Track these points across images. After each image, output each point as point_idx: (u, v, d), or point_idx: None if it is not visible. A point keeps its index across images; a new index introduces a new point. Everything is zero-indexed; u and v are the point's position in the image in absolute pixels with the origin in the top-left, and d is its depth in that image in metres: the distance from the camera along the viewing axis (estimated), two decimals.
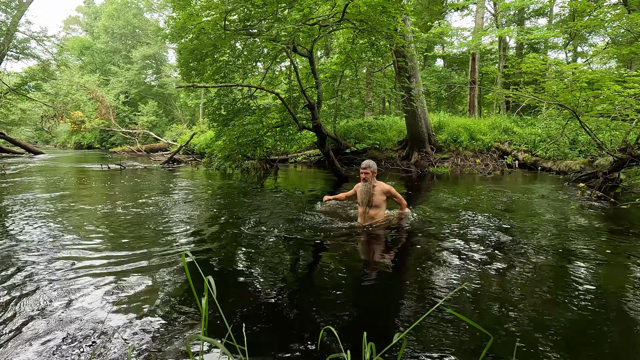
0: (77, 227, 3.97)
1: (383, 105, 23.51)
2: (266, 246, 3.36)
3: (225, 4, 6.19)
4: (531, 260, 2.98)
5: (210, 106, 8.38)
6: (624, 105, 6.05)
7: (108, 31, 39.37)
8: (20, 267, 2.80)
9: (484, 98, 21.87)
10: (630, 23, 9.90)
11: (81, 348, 1.74)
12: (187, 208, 5.19)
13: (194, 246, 3.39)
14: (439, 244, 3.42)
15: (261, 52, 7.68)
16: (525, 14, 20.65)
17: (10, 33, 19.47)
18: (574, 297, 2.29)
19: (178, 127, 28.30)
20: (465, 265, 2.84)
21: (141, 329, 1.91)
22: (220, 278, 2.59)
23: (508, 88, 12.73)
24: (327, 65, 11.11)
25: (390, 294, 2.38)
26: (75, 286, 2.44)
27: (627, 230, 3.97)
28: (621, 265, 2.94)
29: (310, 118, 7.53)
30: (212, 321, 1.97)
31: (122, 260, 2.95)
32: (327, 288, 2.44)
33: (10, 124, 28.05)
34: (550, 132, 10.67)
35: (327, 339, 1.82)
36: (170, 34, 7.49)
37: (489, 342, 1.05)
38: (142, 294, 2.33)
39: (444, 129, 12.58)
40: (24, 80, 22.90)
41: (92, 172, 11.10)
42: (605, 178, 6.74)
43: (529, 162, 10.79)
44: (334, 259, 3.09)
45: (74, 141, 38.76)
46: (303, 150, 14.24)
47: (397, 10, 6.58)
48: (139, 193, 6.65)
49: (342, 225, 4.05)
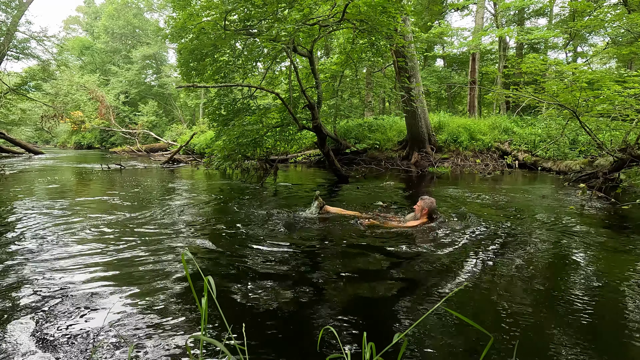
0: (76, 227, 3.97)
1: (383, 105, 23.50)
2: (266, 246, 3.35)
3: (225, 4, 6.19)
4: (531, 260, 2.98)
5: (210, 106, 8.37)
6: (624, 105, 6.05)
7: (108, 31, 39.34)
8: (19, 267, 2.80)
9: (484, 98, 21.86)
10: (630, 23, 9.91)
11: (81, 348, 1.74)
12: (187, 208, 5.19)
13: (194, 246, 3.39)
14: (439, 244, 3.41)
15: (261, 52, 7.68)
16: (525, 14, 20.65)
17: (10, 33, 19.47)
18: (574, 297, 2.29)
19: (178, 127, 28.28)
20: (465, 265, 2.84)
21: (141, 328, 1.91)
22: (220, 278, 2.59)
23: (508, 88, 12.73)
24: (327, 65, 11.10)
25: (390, 294, 2.38)
26: (75, 286, 2.44)
27: (627, 230, 3.97)
28: (621, 265, 2.93)
29: (310, 118, 7.52)
30: (212, 321, 1.97)
31: (122, 260, 2.95)
32: (327, 288, 2.44)
33: (10, 124, 28.03)
34: (550, 132, 10.66)
35: (327, 339, 1.82)
36: (170, 34, 7.48)
37: (489, 342, 1.05)
38: (142, 293, 2.33)
39: (444, 129, 12.58)
40: (24, 80, 22.89)
41: (92, 172, 11.10)
42: (606, 178, 6.74)
43: (529, 162, 10.79)
44: (334, 259, 3.09)
45: (74, 141, 38.74)
46: (303, 150, 14.24)
47: (397, 10, 6.57)
48: (139, 193, 6.65)
49: (342, 225, 4.04)
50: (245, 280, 2.58)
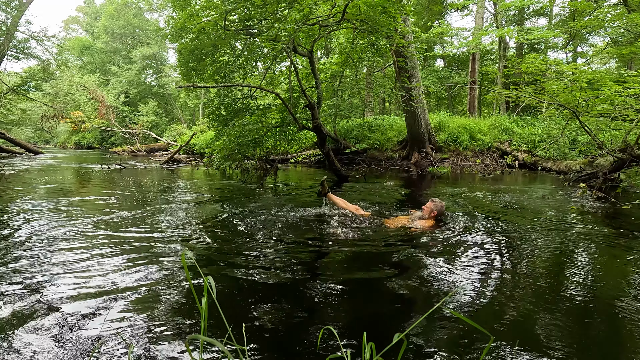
0: (75, 227, 3.97)
1: (383, 105, 23.50)
2: (266, 246, 3.35)
3: (225, 4, 6.19)
4: (531, 260, 2.98)
5: (210, 106, 8.37)
6: (624, 105, 6.05)
7: (108, 31, 39.35)
8: (19, 266, 2.80)
9: (484, 98, 21.86)
10: (630, 23, 9.90)
11: (81, 348, 1.74)
12: (187, 208, 5.19)
13: (194, 246, 3.39)
14: (439, 244, 3.41)
15: (261, 52, 7.68)
16: (525, 14, 20.65)
17: (10, 33, 19.47)
18: (574, 297, 2.29)
19: (178, 127, 28.28)
20: (465, 265, 2.84)
21: (141, 329, 1.91)
22: (220, 278, 2.59)
23: (508, 88, 12.74)
24: (327, 65, 11.09)
25: (390, 294, 2.38)
26: (74, 285, 2.44)
27: (627, 230, 3.97)
28: (621, 265, 2.93)
29: (310, 118, 7.52)
30: (212, 321, 1.97)
31: (121, 259, 2.95)
32: (327, 288, 2.44)
33: (10, 124, 28.03)
34: (550, 132, 10.66)
35: (327, 339, 1.82)
36: (170, 34, 7.49)
37: (489, 342, 1.05)
38: (142, 293, 2.33)
39: (444, 129, 12.58)
40: (24, 80, 22.90)
41: (92, 172, 11.10)
42: (606, 178, 6.74)
43: (529, 162, 10.79)
44: (334, 259, 3.09)
45: (74, 141, 38.75)
46: (303, 150, 14.24)
47: (397, 10, 6.57)
48: (139, 193, 6.65)
49: (342, 225, 4.04)
50: (246, 280, 2.58)
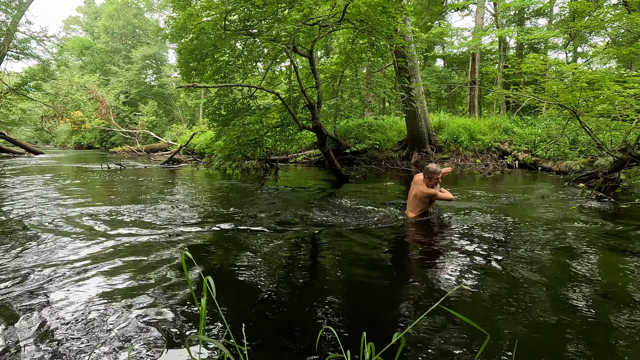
0: (75, 227, 3.97)
1: (383, 105, 23.49)
2: (266, 246, 3.36)
3: (225, 4, 6.19)
4: (531, 260, 2.98)
5: (210, 106, 8.37)
6: (624, 105, 6.05)
7: (108, 31, 39.37)
8: (19, 266, 2.80)
9: (484, 98, 21.87)
10: (630, 23, 9.91)
11: (80, 348, 1.74)
12: (187, 208, 5.20)
13: (193, 246, 3.39)
14: (438, 243, 3.42)
15: (261, 52, 7.68)
16: (525, 14, 20.65)
17: (10, 33, 19.49)
18: (574, 297, 2.29)
19: (178, 127, 28.29)
20: (464, 264, 2.84)
21: (141, 328, 1.91)
22: (219, 278, 2.59)
23: (508, 88, 12.72)
24: (327, 65, 11.09)
25: (390, 294, 2.38)
26: (74, 285, 2.44)
27: (627, 230, 3.97)
28: (621, 265, 2.94)
29: (310, 118, 7.52)
30: (211, 321, 1.97)
31: (121, 259, 2.95)
32: (327, 288, 2.45)
33: (10, 124, 28.07)
34: (550, 132, 10.66)
35: (327, 339, 1.82)
36: (170, 34, 7.49)
37: (485, 341, 1.05)
38: (141, 293, 2.33)
39: (444, 129, 12.58)
40: (24, 80, 22.93)
41: (92, 171, 11.10)
42: (606, 178, 6.73)
43: (529, 162, 10.79)
44: (334, 259, 3.09)
45: (74, 141, 38.75)
46: (303, 150, 14.24)
47: (397, 11, 6.57)
48: (139, 193, 6.65)
49: (342, 225, 4.05)
50: (245, 280, 2.58)
